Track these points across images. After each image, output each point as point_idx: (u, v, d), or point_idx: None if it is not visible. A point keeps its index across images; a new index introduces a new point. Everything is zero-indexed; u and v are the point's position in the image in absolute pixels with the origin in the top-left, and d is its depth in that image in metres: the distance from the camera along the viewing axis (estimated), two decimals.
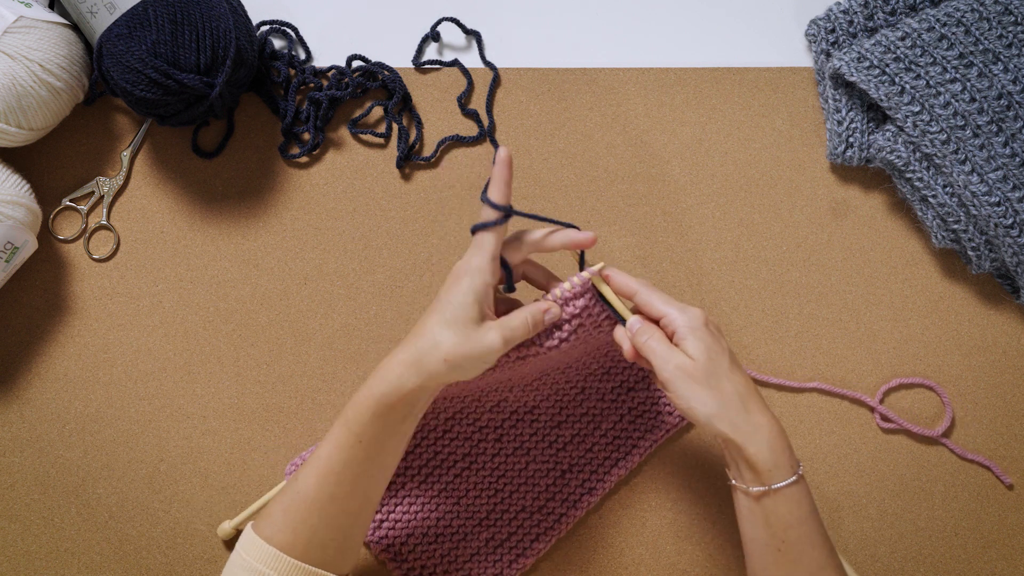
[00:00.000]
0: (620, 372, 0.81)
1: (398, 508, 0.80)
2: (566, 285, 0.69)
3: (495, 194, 0.67)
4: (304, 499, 0.66)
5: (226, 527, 0.80)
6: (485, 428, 0.80)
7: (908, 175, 0.81)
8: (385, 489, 0.70)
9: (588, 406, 0.81)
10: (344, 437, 0.66)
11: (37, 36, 0.77)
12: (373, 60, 0.85)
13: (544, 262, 0.84)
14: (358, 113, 0.85)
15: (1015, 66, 0.79)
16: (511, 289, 0.70)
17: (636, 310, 0.70)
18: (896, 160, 0.81)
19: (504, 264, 0.68)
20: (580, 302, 0.69)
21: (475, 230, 0.67)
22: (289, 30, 0.86)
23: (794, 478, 0.66)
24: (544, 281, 0.72)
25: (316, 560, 0.66)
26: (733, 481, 0.68)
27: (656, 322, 0.68)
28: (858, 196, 0.85)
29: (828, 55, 0.84)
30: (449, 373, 0.64)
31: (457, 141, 0.85)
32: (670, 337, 0.67)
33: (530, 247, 0.69)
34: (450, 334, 0.64)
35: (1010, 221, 0.78)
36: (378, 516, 0.80)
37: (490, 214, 0.67)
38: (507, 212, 0.66)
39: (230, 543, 0.81)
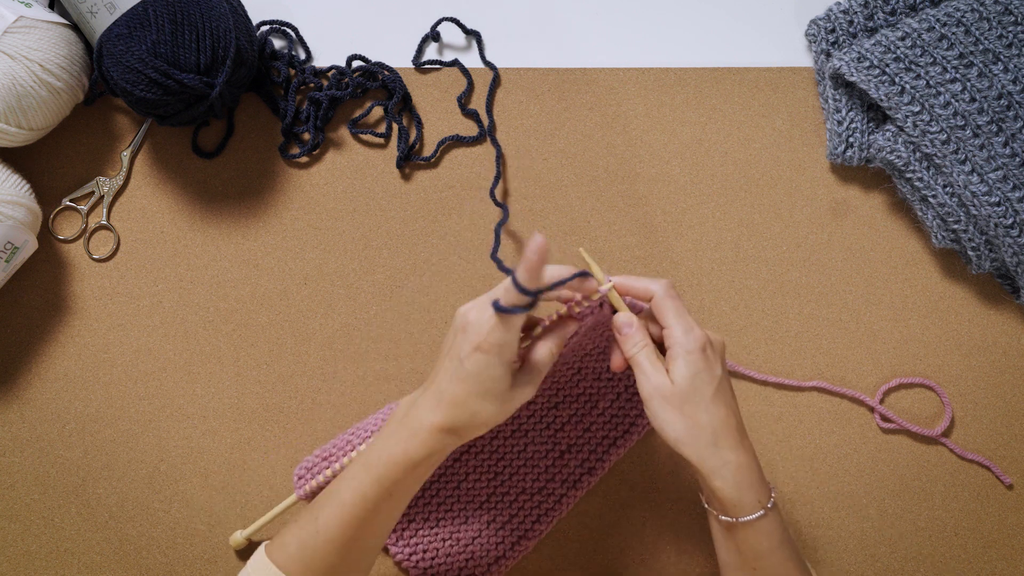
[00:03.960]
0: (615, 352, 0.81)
1: None
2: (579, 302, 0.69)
3: (526, 280, 0.60)
4: (325, 540, 0.66)
5: (238, 537, 0.80)
6: None
7: (908, 175, 0.81)
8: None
9: (584, 386, 0.81)
10: (374, 491, 0.66)
11: (37, 36, 0.77)
12: (373, 60, 0.85)
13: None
14: (358, 113, 0.85)
15: (1015, 66, 0.79)
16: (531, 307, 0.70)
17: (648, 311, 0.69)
18: (896, 160, 0.81)
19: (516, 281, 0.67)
20: (590, 319, 0.70)
21: (499, 311, 0.61)
22: (289, 30, 0.86)
23: (761, 513, 0.66)
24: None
25: None
26: (706, 505, 0.69)
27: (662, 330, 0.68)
28: (858, 196, 0.85)
29: (828, 55, 0.84)
30: (484, 431, 0.66)
31: (457, 141, 0.85)
32: (667, 349, 0.67)
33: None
34: (488, 406, 0.64)
35: (1010, 221, 0.78)
36: None
37: (516, 298, 0.60)
38: (534, 300, 0.61)
39: (242, 552, 0.81)
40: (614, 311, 0.69)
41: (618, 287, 0.69)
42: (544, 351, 0.66)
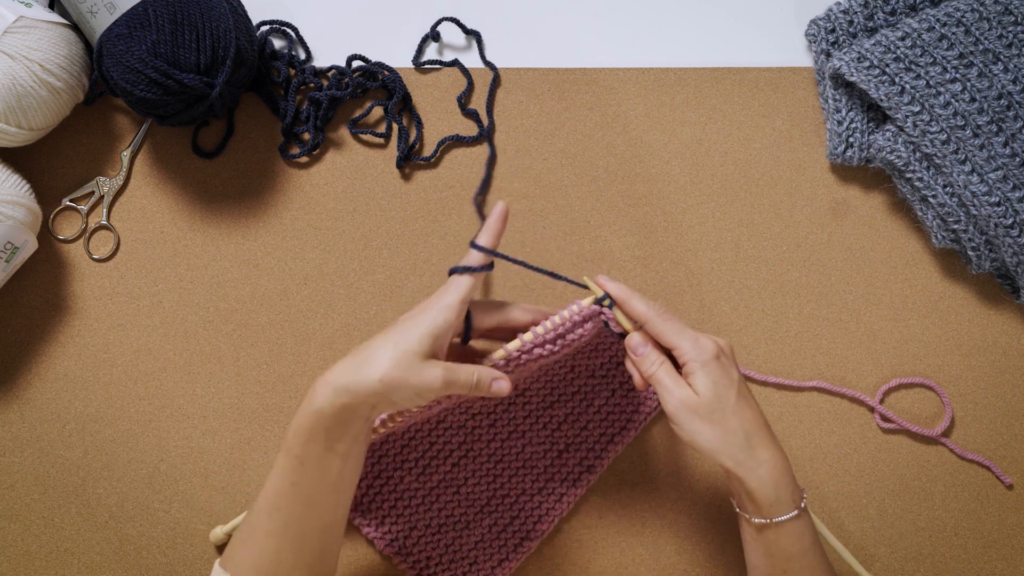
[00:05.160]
0: (608, 348, 0.81)
1: (399, 503, 0.80)
2: (566, 313, 0.69)
3: (484, 241, 0.67)
4: (260, 531, 0.66)
5: (218, 532, 0.80)
6: (478, 415, 0.81)
7: (908, 175, 0.81)
8: (348, 510, 0.69)
9: (579, 384, 0.81)
10: (286, 462, 0.65)
11: (37, 36, 0.77)
12: (373, 60, 0.85)
13: (541, 290, 0.84)
14: (358, 113, 0.85)
15: (1015, 66, 0.79)
16: (467, 341, 0.70)
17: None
18: (896, 160, 0.81)
19: (467, 316, 0.68)
20: (580, 330, 0.69)
21: (453, 272, 0.66)
22: (289, 30, 0.86)
23: (795, 512, 0.66)
24: (524, 324, 0.70)
25: None
26: (737, 509, 0.69)
27: (668, 350, 0.68)
28: (858, 196, 0.85)
29: (828, 55, 0.84)
30: (382, 393, 0.62)
31: (457, 141, 0.85)
32: (682, 366, 0.67)
33: (502, 318, 0.70)
34: (392, 356, 0.62)
35: (1010, 221, 0.78)
36: (380, 512, 0.80)
37: (473, 259, 0.66)
38: (491, 263, 0.67)
39: (222, 547, 0.81)
40: (618, 334, 0.69)
41: (616, 298, 0.69)
42: (469, 370, 0.65)
